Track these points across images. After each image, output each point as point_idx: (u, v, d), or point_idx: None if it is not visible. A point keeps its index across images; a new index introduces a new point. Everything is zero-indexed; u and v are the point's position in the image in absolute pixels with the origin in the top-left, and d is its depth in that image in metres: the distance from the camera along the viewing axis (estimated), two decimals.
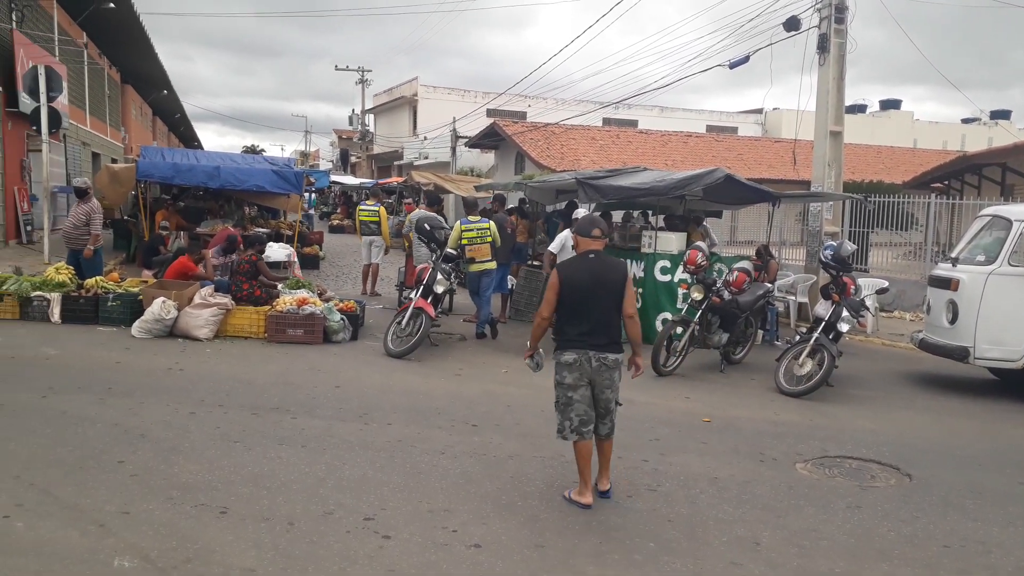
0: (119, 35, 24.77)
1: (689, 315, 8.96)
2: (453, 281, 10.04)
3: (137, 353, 8.25)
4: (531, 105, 36.19)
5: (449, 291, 10.45)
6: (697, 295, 8.92)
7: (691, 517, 4.76)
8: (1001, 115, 45.11)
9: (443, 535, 4.28)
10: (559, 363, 4.89)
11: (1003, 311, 8.25)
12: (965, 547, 4.58)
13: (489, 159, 33.92)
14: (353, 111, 50.97)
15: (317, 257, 18.14)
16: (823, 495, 5.29)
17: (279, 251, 14.11)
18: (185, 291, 9.30)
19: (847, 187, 15.49)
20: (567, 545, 4.27)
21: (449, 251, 9.89)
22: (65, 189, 18.91)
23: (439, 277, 9.38)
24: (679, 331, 8.87)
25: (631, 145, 29.71)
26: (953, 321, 8.63)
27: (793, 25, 12.75)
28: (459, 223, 10.37)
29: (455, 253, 10.01)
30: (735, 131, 40.48)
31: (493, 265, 10.42)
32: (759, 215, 16.16)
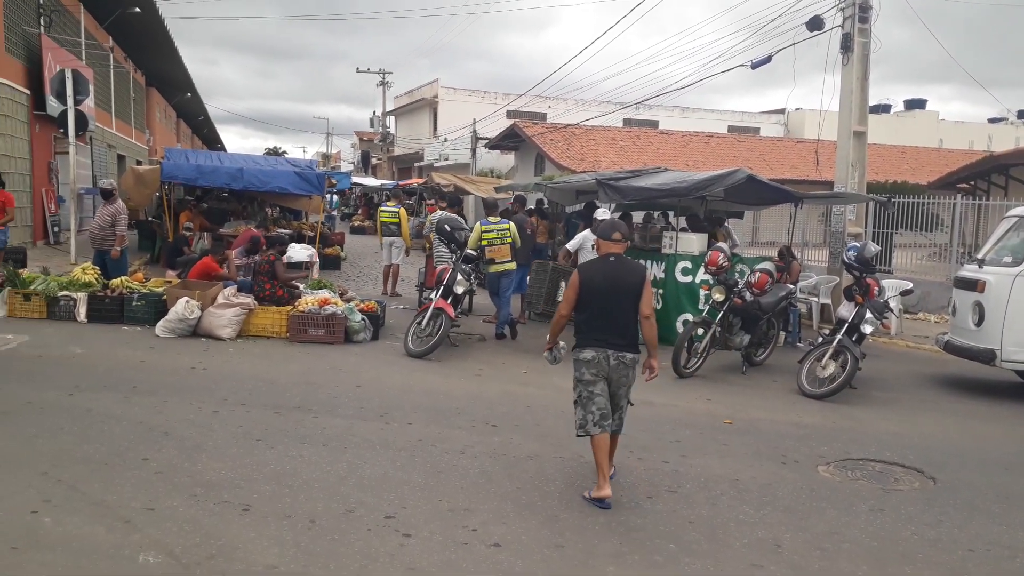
0: (144, 39, 25.11)
1: (710, 316, 8.92)
2: (473, 282, 10.06)
3: (161, 352, 8.35)
4: (551, 106, 36.18)
5: (469, 292, 10.48)
6: (718, 296, 8.88)
7: (712, 519, 4.74)
8: None
9: (463, 534, 4.29)
10: (578, 360, 5.03)
11: None
12: (991, 551, 4.52)
13: (509, 160, 33.96)
14: (374, 113, 51.16)
15: (338, 258, 18.24)
16: (845, 498, 5.25)
17: (301, 252, 14.19)
18: (208, 291, 9.40)
19: (871, 188, 15.35)
20: (587, 545, 4.27)
21: (469, 252, 9.91)
22: (91, 191, 19.18)
23: (459, 278, 9.41)
24: (700, 332, 8.83)
25: (651, 146, 29.62)
26: (979, 323, 8.51)
27: (816, 25, 12.65)
28: (479, 224, 10.40)
29: (475, 254, 10.03)
30: (757, 131, 40.21)
31: (513, 266, 10.43)
32: (781, 216, 16.04)
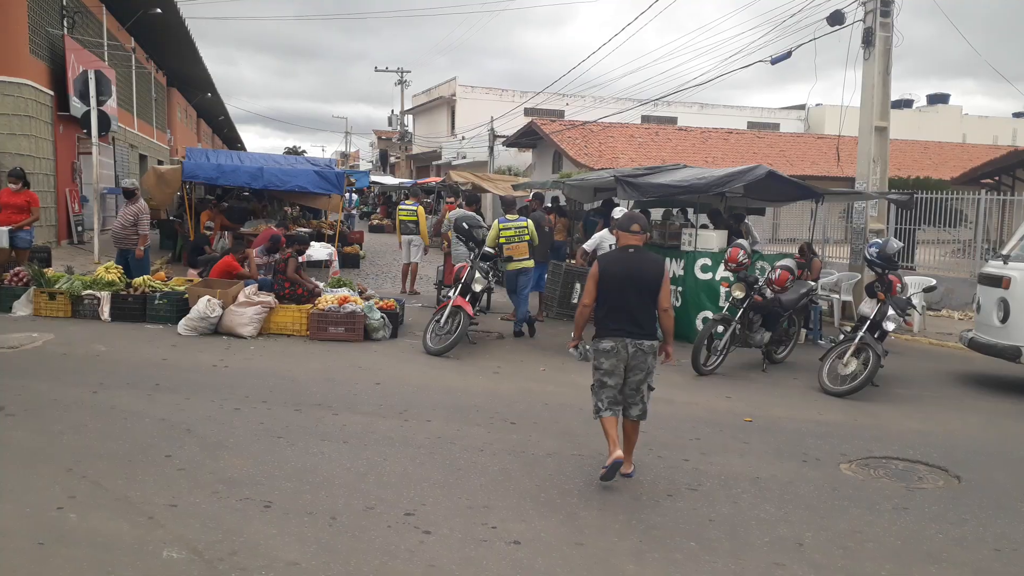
0: (165, 40, 25.33)
1: (730, 313, 8.86)
2: (491, 280, 10.07)
3: (183, 350, 8.44)
4: (569, 104, 36.12)
5: (487, 289, 10.49)
6: (739, 293, 8.81)
7: (732, 517, 4.71)
8: None
9: (483, 531, 4.30)
10: (597, 350, 5.24)
11: None
12: (1017, 551, 4.46)
13: (527, 158, 33.93)
14: (392, 112, 51.41)
15: (358, 256, 18.35)
16: (868, 496, 5.19)
17: (320, 250, 14.32)
18: (230, 290, 9.47)
19: (893, 183, 15.19)
20: (607, 543, 4.26)
21: (487, 250, 9.92)
22: (114, 190, 19.37)
23: (477, 276, 9.42)
24: (720, 330, 8.77)
25: (670, 142, 29.47)
26: (1004, 320, 8.40)
27: (837, 19, 12.51)
28: (497, 222, 10.40)
29: (493, 252, 10.04)
30: (777, 127, 39.92)
31: (531, 264, 10.43)
32: (802, 212, 15.93)
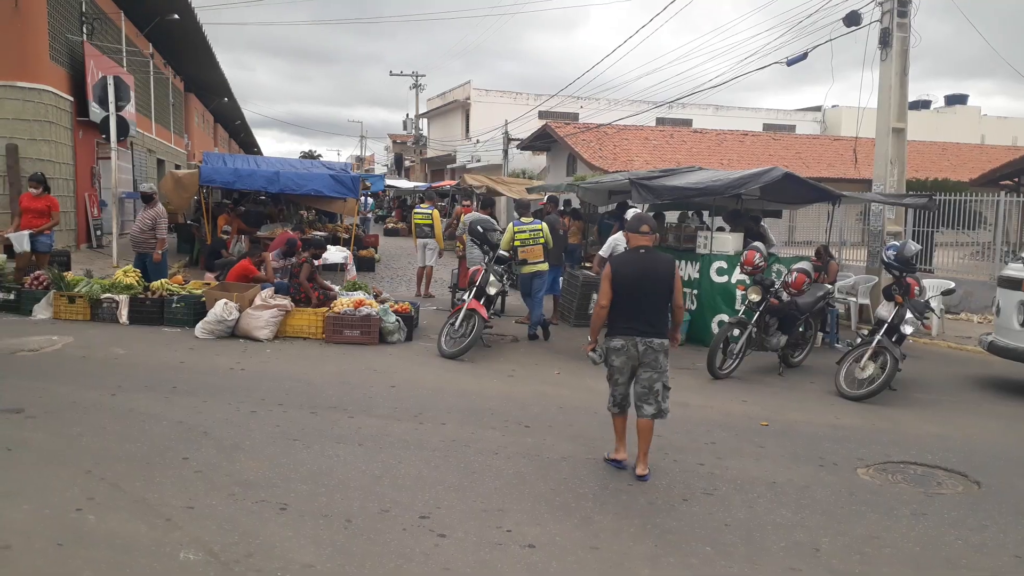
0: (183, 45, 25.59)
1: (746, 317, 8.81)
2: (505, 283, 10.09)
3: (200, 353, 8.50)
4: (583, 106, 36.10)
5: (501, 293, 10.50)
6: (755, 296, 8.77)
7: (748, 521, 4.69)
8: None
9: (497, 535, 4.30)
10: (609, 347, 5.44)
11: None
12: None
13: (541, 161, 33.94)
14: (407, 115, 51.63)
15: (373, 260, 18.42)
16: (886, 501, 5.15)
17: (336, 254, 14.36)
18: (246, 293, 9.54)
19: (911, 185, 15.07)
20: (622, 547, 4.25)
21: (501, 253, 9.93)
22: (132, 195, 19.57)
23: (491, 279, 9.43)
24: (736, 333, 8.73)
25: (685, 145, 29.37)
26: None
27: (853, 20, 12.45)
28: (511, 224, 10.41)
29: (507, 255, 10.04)
30: (793, 129, 39.69)
31: (545, 267, 10.43)
32: (818, 215, 15.81)
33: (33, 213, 10.81)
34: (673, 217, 13.93)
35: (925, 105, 43.28)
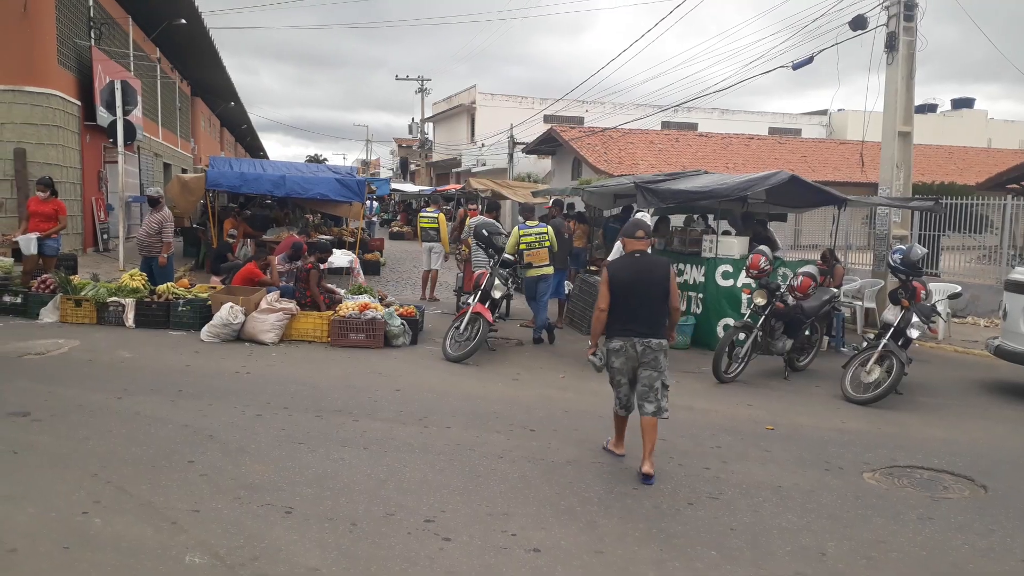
0: (190, 50, 25.69)
1: (752, 321, 8.80)
2: (510, 286, 10.08)
3: (206, 357, 8.52)
4: (588, 110, 36.11)
5: (507, 296, 10.50)
6: (760, 300, 8.76)
7: (754, 526, 4.68)
8: None
9: (502, 539, 4.29)
10: (608, 349, 5.57)
11: None
12: None
13: (546, 165, 33.94)
14: (413, 120, 51.80)
15: (378, 263, 18.45)
16: (892, 506, 5.13)
17: (342, 257, 14.38)
18: (252, 297, 9.56)
19: (917, 189, 15.02)
20: (627, 552, 4.24)
21: (506, 256, 9.93)
22: (139, 198, 19.61)
23: (496, 282, 9.44)
24: (741, 337, 8.71)
25: (691, 148, 29.34)
26: None
27: (860, 24, 12.43)
28: (517, 228, 10.42)
29: (512, 258, 10.05)
30: (798, 133, 39.61)
31: (550, 270, 10.43)
32: (824, 218, 15.76)
33: (41, 217, 10.86)
34: (679, 221, 13.91)
35: (931, 109, 43.15)
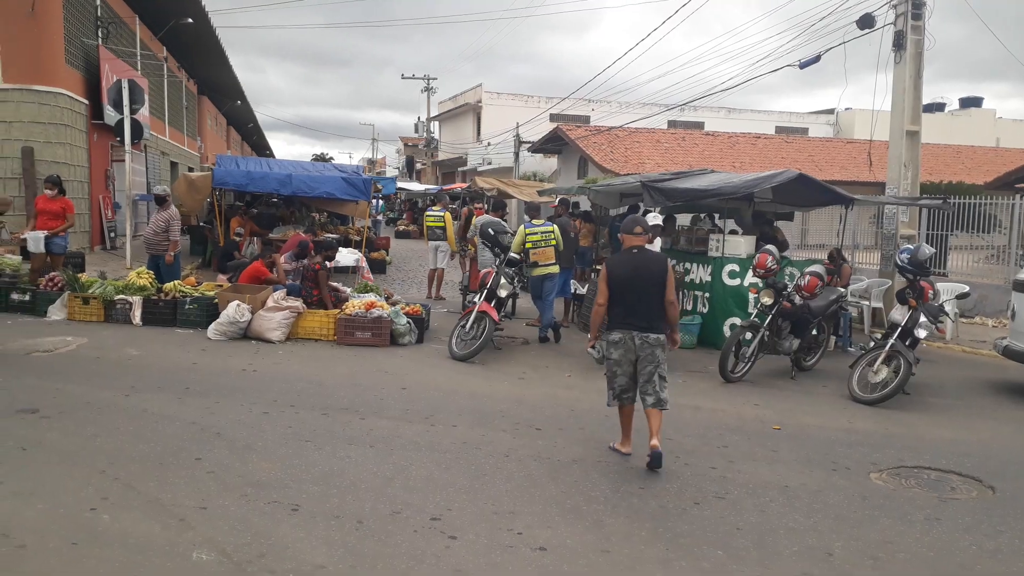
0: (196, 49, 25.74)
1: (759, 320, 8.78)
2: (516, 285, 10.09)
3: (213, 354, 8.54)
4: (595, 109, 36.11)
5: (512, 295, 10.51)
6: (767, 300, 8.74)
7: (760, 526, 4.67)
8: None
9: (508, 537, 4.29)
10: (607, 341, 5.70)
11: None
12: None
13: (552, 164, 33.95)
14: (419, 118, 51.83)
15: (384, 262, 18.47)
16: (900, 506, 5.11)
17: (348, 256, 14.41)
18: (258, 295, 9.58)
19: (925, 188, 14.98)
20: (633, 551, 4.24)
21: (512, 255, 9.94)
22: (146, 197, 19.71)
23: (502, 281, 9.44)
24: (748, 336, 8.69)
25: (697, 147, 29.31)
26: None
27: (867, 23, 12.39)
28: (523, 227, 10.42)
29: (518, 257, 10.05)
30: (805, 132, 39.52)
31: (556, 269, 10.43)
32: (831, 218, 15.73)
33: (48, 215, 10.90)
34: (685, 220, 13.89)
35: (940, 108, 43.00)
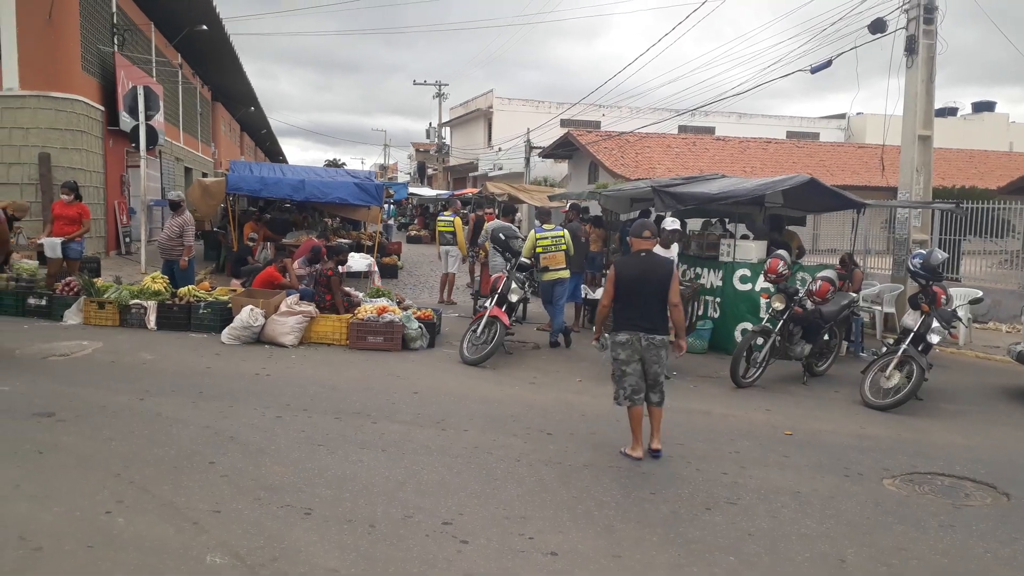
0: (211, 55, 25.95)
1: (770, 325, 8.76)
2: (527, 290, 10.11)
3: (226, 359, 8.60)
4: (605, 114, 36.08)
5: (523, 300, 10.53)
6: (778, 305, 8.71)
7: (772, 531, 4.66)
8: None
9: (520, 542, 4.31)
10: (614, 342, 5.89)
11: None
12: None
13: (562, 169, 33.96)
14: (430, 124, 51.95)
15: (396, 267, 18.53)
16: (913, 513, 5.09)
17: (360, 261, 14.47)
18: (272, 299, 9.64)
19: (937, 193, 14.90)
20: (644, 556, 4.24)
21: (523, 260, 9.95)
22: (160, 202, 19.85)
23: (513, 286, 9.46)
24: (759, 342, 8.68)
25: (708, 152, 29.26)
26: None
27: (879, 27, 12.36)
28: (533, 232, 10.44)
29: (529, 262, 10.07)
30: (817, 137, 39.41)
31: (567, 274, 10.44)
32: (843, 223, 15.67)
33: (65, 220, 11.01)
34: (696, 225, 13.88)
35: (952, 112, 42.76)
